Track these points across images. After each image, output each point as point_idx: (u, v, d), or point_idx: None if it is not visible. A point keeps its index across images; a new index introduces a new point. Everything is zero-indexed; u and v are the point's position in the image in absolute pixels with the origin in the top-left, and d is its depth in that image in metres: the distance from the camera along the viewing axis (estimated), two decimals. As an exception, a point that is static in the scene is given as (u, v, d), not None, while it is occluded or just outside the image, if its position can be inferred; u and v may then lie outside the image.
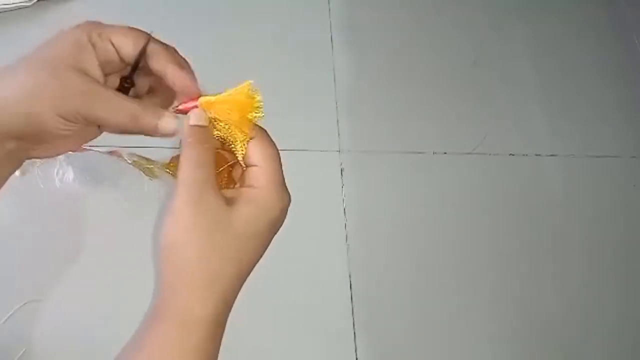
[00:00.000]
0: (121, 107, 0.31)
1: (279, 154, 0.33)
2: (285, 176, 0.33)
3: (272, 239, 0.32)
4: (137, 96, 0.36)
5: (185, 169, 0.30)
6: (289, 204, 0.33)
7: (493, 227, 0.72)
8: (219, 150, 0.34)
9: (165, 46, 0.34)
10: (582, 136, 0.82)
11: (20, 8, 0.69)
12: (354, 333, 0.62)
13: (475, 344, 0.65)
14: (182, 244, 0.29)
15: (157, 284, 0.30)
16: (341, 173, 0.71)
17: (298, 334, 0.61)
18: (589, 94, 0.86)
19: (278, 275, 0.61)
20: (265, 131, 0.34)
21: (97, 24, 0.32)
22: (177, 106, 0.34)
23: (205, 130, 0.32)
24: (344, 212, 0.69)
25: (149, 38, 0.33)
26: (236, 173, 0.35)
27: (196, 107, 0.33)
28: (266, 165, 0.32)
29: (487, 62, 0.84)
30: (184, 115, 0.33)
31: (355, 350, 0.61)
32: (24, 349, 0.55)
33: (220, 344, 0.31)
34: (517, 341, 0.67)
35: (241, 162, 0.33)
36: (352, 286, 0.65)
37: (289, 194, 0.33)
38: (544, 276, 0.71)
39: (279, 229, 0.33)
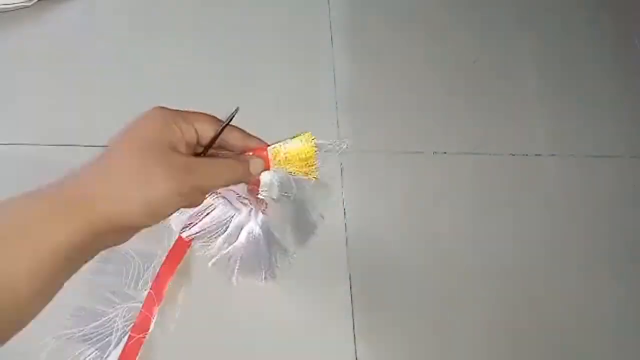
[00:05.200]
0: (222, 169, 0.35)
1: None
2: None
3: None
4: None
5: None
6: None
7: (493, 227, 0.72)
8: None
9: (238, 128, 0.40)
10: (582, 136, 0.82)
11: (20, 8, 0.69)
12: (354, 334, 0.62)
13: (476, 345, 0.65)
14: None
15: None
16: (341, 173, 0.71)
17: (298, 334, 0.61)
18: (589, 94, 0.86)
19: (277, 275, 0.61)
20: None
21: (178, 111, 0.36)
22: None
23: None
24: (344, 212, 0.69)
25: (229, 121, 0.38)
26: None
27: (265, 152, 0.40)
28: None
29: (488, 62, 0.84)
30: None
31: (355, 352, 0.61)
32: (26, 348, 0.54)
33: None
34: (517, 342, 0.67)
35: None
36: (352, 286, 0.65)
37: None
38: (543, 277, 0.71)
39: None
